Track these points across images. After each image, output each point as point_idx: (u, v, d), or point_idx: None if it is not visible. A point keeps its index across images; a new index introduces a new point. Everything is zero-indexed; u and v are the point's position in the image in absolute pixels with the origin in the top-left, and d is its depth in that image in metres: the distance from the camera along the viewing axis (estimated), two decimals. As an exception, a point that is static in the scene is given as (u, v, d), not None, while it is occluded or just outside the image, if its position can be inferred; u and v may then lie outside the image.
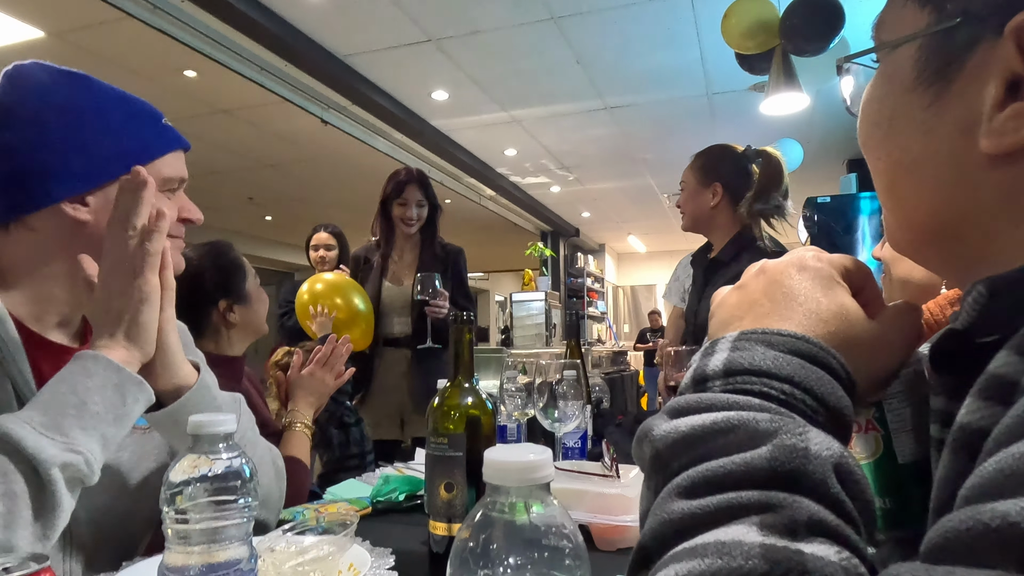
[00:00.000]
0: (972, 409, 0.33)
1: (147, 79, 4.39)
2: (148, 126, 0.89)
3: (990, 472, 0.26)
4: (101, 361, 0.72)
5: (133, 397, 0.74)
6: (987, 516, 0.24)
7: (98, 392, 0.70)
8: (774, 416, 0.33)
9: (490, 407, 0.88)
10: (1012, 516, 0.23)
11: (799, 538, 0.29)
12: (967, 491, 0.26)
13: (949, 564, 0.24)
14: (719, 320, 0.44)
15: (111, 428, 0.71)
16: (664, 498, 0.33)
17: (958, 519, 0.25)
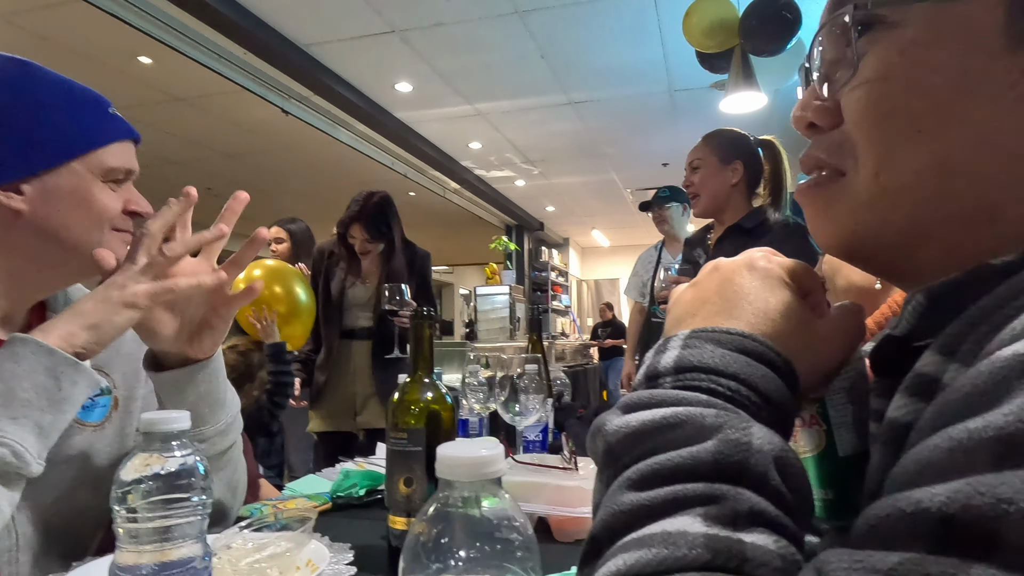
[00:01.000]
0: (899, 405, 0.35)
1: (98, 64, 4.25)
2: (91, 113, 0.86)
3: (909, 463, 0.28)
4: (29, 344, 0.68)
5: (70, 380, 0.70)
6: (903, 503, 0.25)
7: (27, 378, 0.66)
8: (720, 412, 0.35)
9: (450, 402, 0.88)
10: (924, 503, 0.24)
11: (740, 528, 0.30)
12: (890, 481, 0.28)
13: (871, 548, 0.26)
14: (674, 317, 0.45)
15: (47, 415, 0.67)
16: (615, 490, 0.34)
17: (879, 507, 0.27)
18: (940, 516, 0.24)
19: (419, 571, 0.35)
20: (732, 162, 2.03)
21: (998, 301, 0.32)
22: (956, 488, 0.24)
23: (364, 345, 2.55)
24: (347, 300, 2.57)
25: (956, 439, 0.26)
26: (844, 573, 0.25)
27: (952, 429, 0.26)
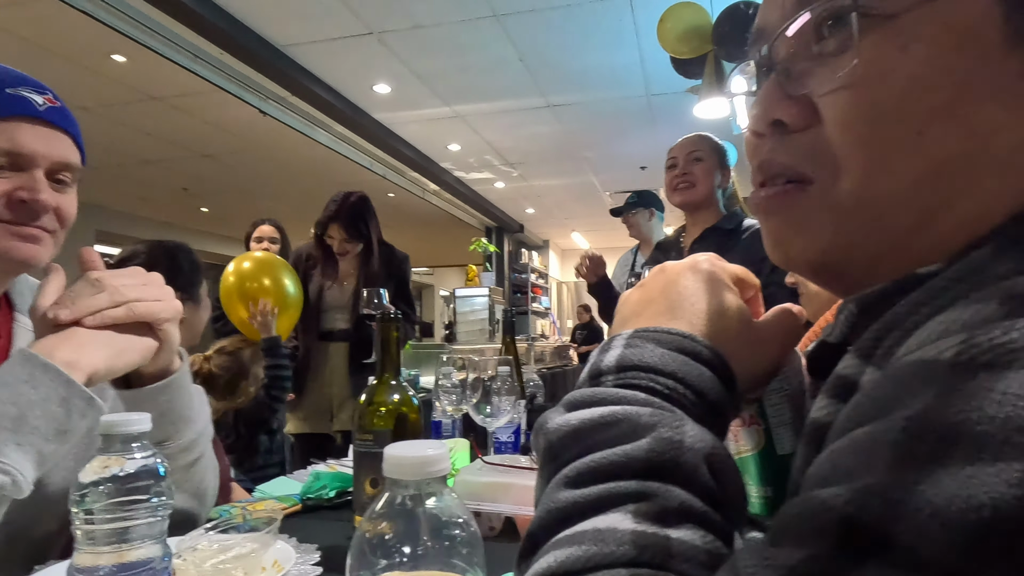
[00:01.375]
0: (820, 406, 0.37)
1: (71, 62, 4.18)
2: None
3: (821, 463, 0.29)
4: (51, 372, 0.66)
5: (80, 413, 0.68)
6: (812, 502, 0.27)
7: (40, 406, 0.65)
8: (655, 411, 0.36)
9: (416, 404, 0.90)
10: (828, 502, 0.26)
11: (668, 524, 0.31)
12: (805, 480, 0.30)
13: (782, 546, 0.27)
14: (621, 317, 0.47)
15: (50, 445, 0.66)
16: (552, 488, 0.35)
17: (792, 505, 0.28)
18: (840, 516, 0.25)
19: (366, 568, 0.36)
20: (724, 168, 2.14)
21: (910, 308, 0.34)
22: (856, 489, 0.25)
23: (341, 347, 2.55)
24: (324, 302, 2.56)
25: (859, 442, 0.27)
26: (754, 570, 0.26)
27: (857, 432, 0.28)
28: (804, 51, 0.40)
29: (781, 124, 0.41)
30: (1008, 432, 0.23)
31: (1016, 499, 0.22)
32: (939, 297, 0.33)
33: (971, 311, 0.29)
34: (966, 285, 0.32)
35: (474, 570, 0.38)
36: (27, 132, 0.82)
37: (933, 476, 0.23)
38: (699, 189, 2.10)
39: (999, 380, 0.24)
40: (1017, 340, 0.25)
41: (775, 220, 0.43)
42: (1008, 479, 0.22)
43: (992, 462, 0.23)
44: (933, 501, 0.23)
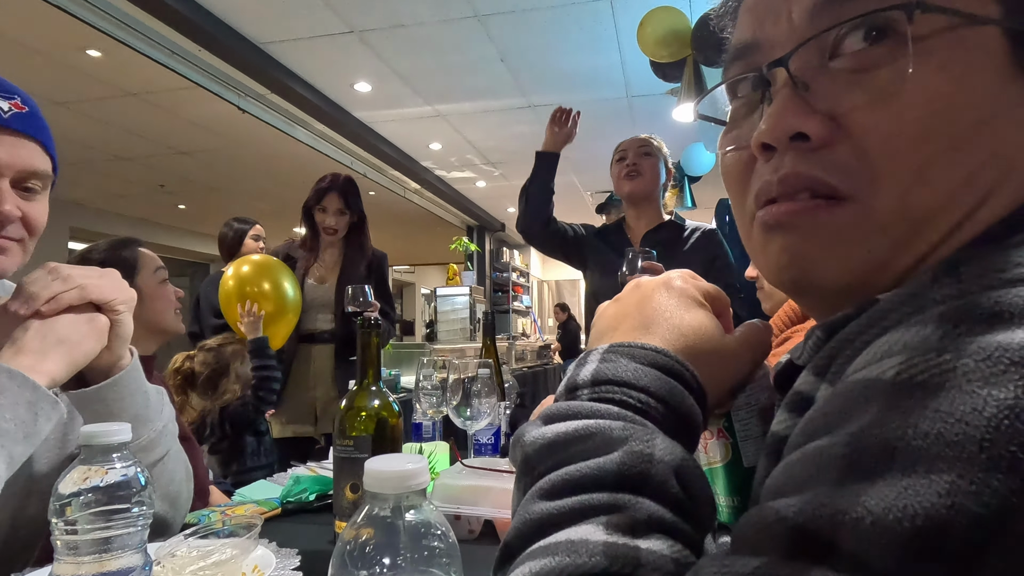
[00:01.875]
0: (779, 420, 0.39)
1: (44, 57, 4.11)
2: None
3: (777, 475, 0.31)
4: (16, 377, 0.69)
5: (46, 416, 0.71)
6: (767, 512, 0.29)
7: (10, 410, 0.68)
8: (627, 424, 0.37)
9: (397, 409, 0.90)
10: (781, 512, 0.28)
11: (638, 535, 0.33)
12: (763, 491, 0.32)
13: (740, 554, 0.29)
14: (597, 331, 0.48)
15: (19, 446, 0.68)
16: (528, 499, 0.37)
17: (750, 515, 0.30)
18: (791, 525, 0.27)
19: (346, 579, 0.37)
20: (667, 168, 2.26)
21: (859, 328, 0.36)
22: (806, 500, 0.27)
23: (325, 349, 2.53)
24: (305, 302, 2.55)
25: (809, 455, 0.29)
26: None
27: (809, 446, 0.30)
28: (822, 65, 0.40)
29: (802, 138, 0.39)
30: (940, 447, 0.25)
31: (946, 508, 0.24)
32: (885, 319, 0.35)
33: (911, 333, 0.31)
34: (908, 308, 0.34)
35: (452, 578, 0.39)
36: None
37: (874, 487, 0.26)
38: (647, 180, 2.20)
39: (933, 399, 0.27)
40: (949, 361, 0.28)
41: (795, 237, 0.40)
42: (939, 490, 0.24)
43: (925, 474, 0.25)
44: (873, 511, 0.25)
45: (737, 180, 0.46)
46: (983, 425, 0.25)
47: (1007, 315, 0.28)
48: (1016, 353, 0.26)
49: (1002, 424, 0.25)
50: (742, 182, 0.45)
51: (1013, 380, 0.26)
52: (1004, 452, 0.24)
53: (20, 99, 0.85)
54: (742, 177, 0.45)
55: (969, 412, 0.25)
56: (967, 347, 0.28)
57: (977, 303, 0.30)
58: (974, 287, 0.32)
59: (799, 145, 0.39)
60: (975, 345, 0.27)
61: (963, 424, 0.25)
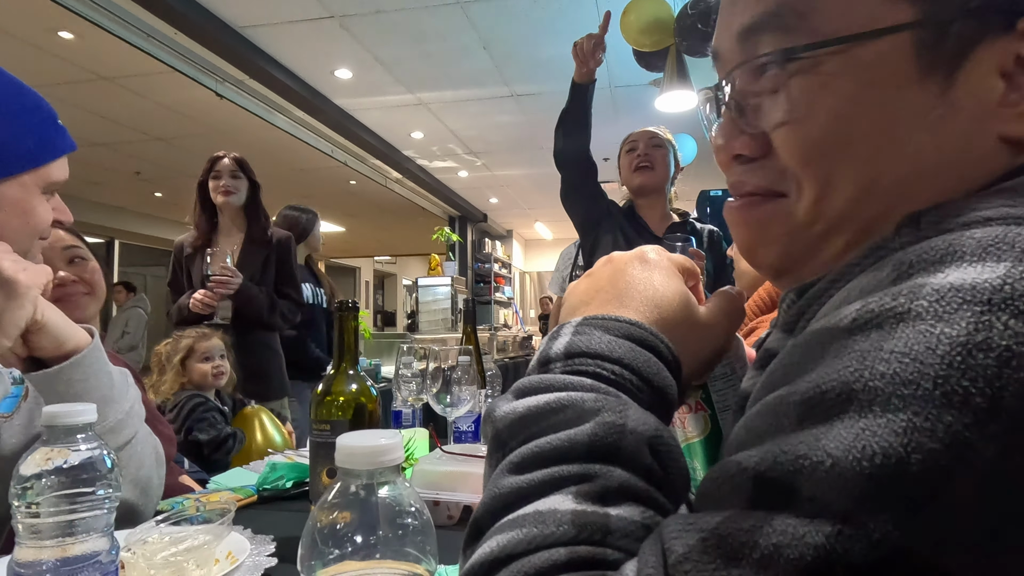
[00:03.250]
0: (748, 378, 0.40)
1: (13, 38, 4.00)
2: (42, 125, 0.86)
3: (737, 429, 0.31)
4: None
5: None
6: (729, 465, 0.29)
7: None
8: (599, 396, 0.37)
9: (375, 394, 0.89)
10: (743, 463, 0.28)
11: (608, 503, 0.33)
12: (726, 447, 0.32)
13: (704, 510, 0.29)
14: (569, 306, 0.48)
15: None
16: (497, 474, 0.36)
17: (712, 471, 0.30)
18: (753, 474, 0.27)
19: (316, 558, 0.36)
20: (676, 161, 2.23)
21: (827, 284, 0.37)
22: (767, 449, 0.27)
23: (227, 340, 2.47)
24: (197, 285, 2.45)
25: (770, 405, 0.30)
26: (677, 533, 0.28)
27: (770, 397, 0.30)
28: (751, 86, 0.44)
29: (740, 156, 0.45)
30: (895, 386, 0.26)
31: (902, 446, 0.24)
32: (850, 272, 0.36)
33: (867, 278, 0.32)
34: (870, 259, 0.35)
35: (427, 559, 0.38)
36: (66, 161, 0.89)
37: (832, 431, 0.26)
38: (658, 173, 2.17)
39: (888, 339, 0.27)
40: (903, 303, 0.28)
41: (742, 228, 0.47)
42: (895, 429, 0.25)
43: (882, 414, 0.25)
44: (833, 453, 0.25)
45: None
46: (936, 363, 0.25)
47: (959, 255, 0.29)
48: (968, 292, 0.27)
49: (955, 361, 0.25)
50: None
51: (965, 318, 0.26)
52: (957, 388, 0.25)
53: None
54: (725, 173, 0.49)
55: (923, 351, 0.26)
56: (920, 288, 0.28)
57: (932, 246, 0.30)
58: (931, 232, 0.33)
59: (743, 162, 0.46)
60: (928, 286, 0.28)
61: (917, 363, 0.26)
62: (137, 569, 0.70)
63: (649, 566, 0.28)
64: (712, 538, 0.27)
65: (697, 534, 0.27)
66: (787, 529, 0.25)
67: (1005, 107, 0.38)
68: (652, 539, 0.30)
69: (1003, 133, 0.38)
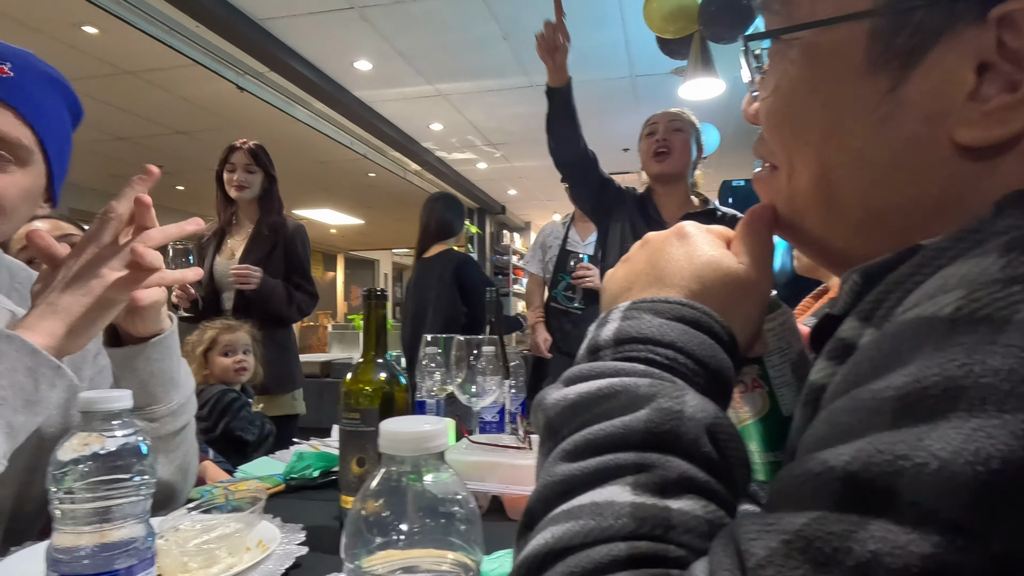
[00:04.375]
0: (818, 368, 0.37)
1: (38, 32, 4.05)
2: None
3: (820, 425, 0.29)
4: (15, 342, 0.66)
5: (48, 383, 0.68)
6: (812, 464, 0.26)
7: (6, 376, 0.64)
8: (654, 381, 0.35)
9: (404, 382, 0.88)
10: (830, 462, 0.25)
11: (668, 495, 0.31)
12: (803, 443, 0.29)
13: (783, 510, 0.26)
14: (610, 294, 0.46)
15: (20, 416, 0.65)
16: (550, 462, 0.35)
17: (792, 468, 0.28)
18: (843, 475, 0.25)
19: (361, 546, 0.35)
20: (698, 144, 2.15)
21: (911, 269, 0.34)
22: (858, 447, 0.25)
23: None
24: (216, 281, 2.47)
25: (860, 400, 0.27)
26: (755, 534, 0.26)
27: (857, 391, 0.28)
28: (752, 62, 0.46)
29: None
30: (1013, 383, 0.23)
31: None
32: (940, 257, 0.33)
33: (970, 265, 0.29)
34: (966, 244, 0.32)
35: (472, 548, 0.37)
36: None
37: (938, 430, 0.23)
38: (676, 159, 2.11)
39: (1000, 332, 0.24)
40: (1016, 292, 0.25)
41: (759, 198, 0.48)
42: (1014, 430, 0.22)
43: (997, 414, 0.23)
44: (939, 455, 0.23)
45: None
46: None
47: None
48: None
49: None
50: None
51: None
52: None
53: (10, 65, 0.80)
54: None
55: None
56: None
57: None
58: None
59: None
60: None
61: None
62: (170, 556, 0.70)
63: (724, 568, 0.26)
64: (797, 541, 0.25)
65: (779, 536, 0.25)
66: (887, 536, 0.23)
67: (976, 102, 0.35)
68: (724, 539, 0.28)
69: (957, 138, 0.35)
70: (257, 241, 2.49)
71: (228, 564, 0.73)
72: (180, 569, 0.70)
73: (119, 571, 0.49)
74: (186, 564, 0.71)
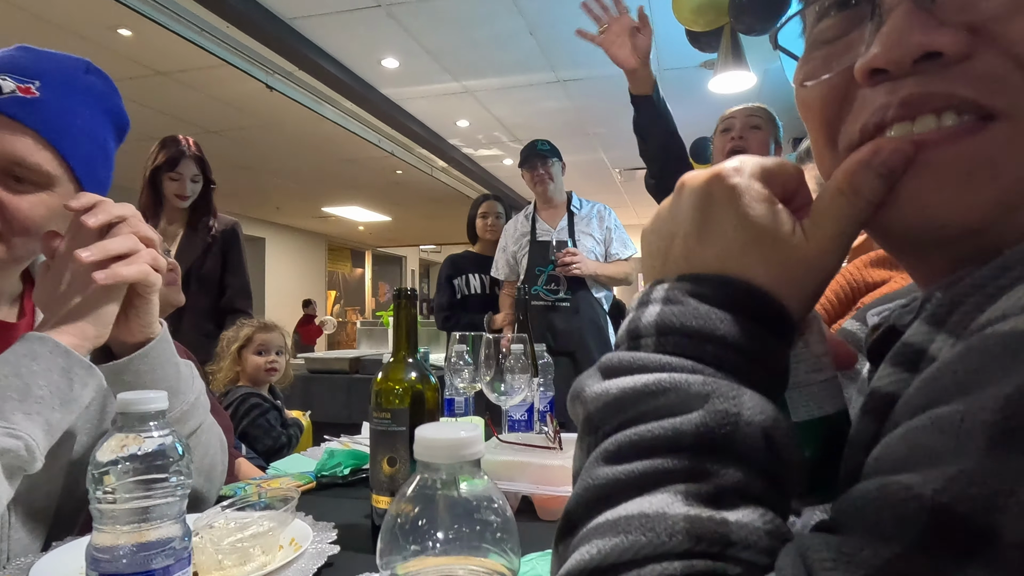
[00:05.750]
0: (883, 375, 0.33)
1: (76, 36, 4.14)
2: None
3: (897, 443, 0.26)
4: (48, 343, 0.70)
5: (81, 382, 0.71)
6: (893, 488, 0.24)
7: (43, 376, 0.68)
8: (707, 379, 0.32)
9: (434, 381, 0.88)
10: (915, 489, 0.23)
11: (724, 506, 0.28)
12: (875, 460, 0.27)
13: (857, 535, 0.24)
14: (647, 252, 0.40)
15: (56, 414, 0.69)
16: (591, 463, 0.32)
17: (865, 489, 0.25)
18: (932, 506, 0.22)
19: (396, 552, 0.35)
20: (777, 143, 1.99)
21: (993, 272, 0.30)
22: (949, 476, 0.22)
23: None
24: None
25: (944, 421, 0.24)
26: (832, 564, 0.24)
27: (943, 409, 0.25)
28: None
29: (932, 57, 0.33)
30: None
31: None
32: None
33: None
34: None
35: (507, 556, 0.36)
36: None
37: None
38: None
39: None
40: None
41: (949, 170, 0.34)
42: None
43: None
44: None
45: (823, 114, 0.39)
46: None
47: None
48: None
49: None
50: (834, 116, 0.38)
51: None
52: None
53: (39, 84, 0.80)
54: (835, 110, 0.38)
55: None
56: None
57: None
58: None
59: (925, 67, 0.34)
60: None
61: None
62: (205, 553, 0.71)
63: None
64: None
65: (861, 571, 0.23)
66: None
67: None
68: (791, 560, 0.26)
69: None
70: (191, 242, 2.41)
71: (262, 562, 0.73)
72: (215, 567, 0.71)
73: (156, 571, 0.50)
74: (221, 562, 0.71)
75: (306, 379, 3.57)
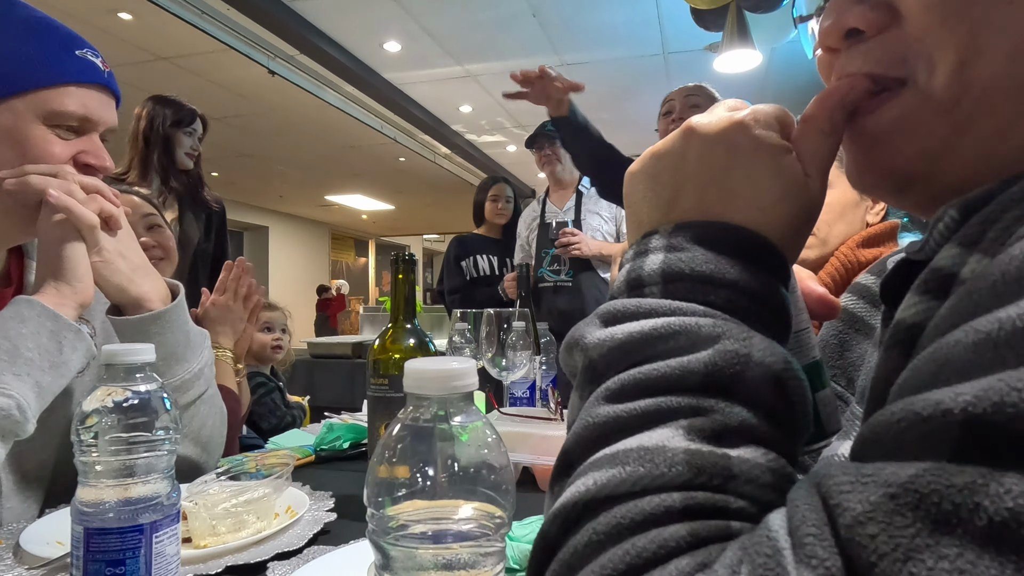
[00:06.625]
0: (908, 304, 0.31)
1: (76, 20, 4.11)
2: (47, 50, 0.80)
3: (924, 363, 0.24)
4: (35, 306, 0.70)
5: (71, 345, 0.71)
6: (919, 406, 0.22)
7: (31, 338, 0.68)
8: (718, 321, 0.31)
9: (433, 348, 0.87)
10: (945, 404, 0.21)
11: (727, 443, 0.28)
12: (900, 386, 0.25)
13: (880, 459, 0.22)
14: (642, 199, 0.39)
15: (46, 376, 0.69)
16: (591, 403, 0.31)
17: (889, 412, 0.23)
18: (964, 418, 0.20)
19: (384, 494, 0.33)
20: None
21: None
22: (985, 386, 0.20)
23: None
24: None
25: (984, 331, 0.22)
26: (849, 486, 0.22)
27: (978, 321, 0.23)
28: None
29: (856, 33, 0.37)
30: None
31: None
32: None
33: None
34: None
35: (503, 497, 0.35)
36: (95, 98, 0.83)
37: None
38: None
39: None
40: None
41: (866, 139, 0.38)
42: None
43: None
44: None
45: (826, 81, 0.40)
46: None
47: None
48: None
49: None
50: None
51: None
52: None
53: (102, 57, 0.86)
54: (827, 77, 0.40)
55: None
56: None
57: None
58: None
59: (855, 42, 0.37)
60: None
61: None
62: (199, 519, 0.70)
63: (809, 524, 0.22)
64: (906, 496, 0.20)
65: (881, 489, 0.21)
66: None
67: None
68: (805, 490, 0.24)
69: None
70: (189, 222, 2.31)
71: (257, 528, 0.72)
72: (209, 532, 0.70)
73: (143, 526, 0.48)
74: (215, 527, 0.70)
75: (309, 364, 3.56)
